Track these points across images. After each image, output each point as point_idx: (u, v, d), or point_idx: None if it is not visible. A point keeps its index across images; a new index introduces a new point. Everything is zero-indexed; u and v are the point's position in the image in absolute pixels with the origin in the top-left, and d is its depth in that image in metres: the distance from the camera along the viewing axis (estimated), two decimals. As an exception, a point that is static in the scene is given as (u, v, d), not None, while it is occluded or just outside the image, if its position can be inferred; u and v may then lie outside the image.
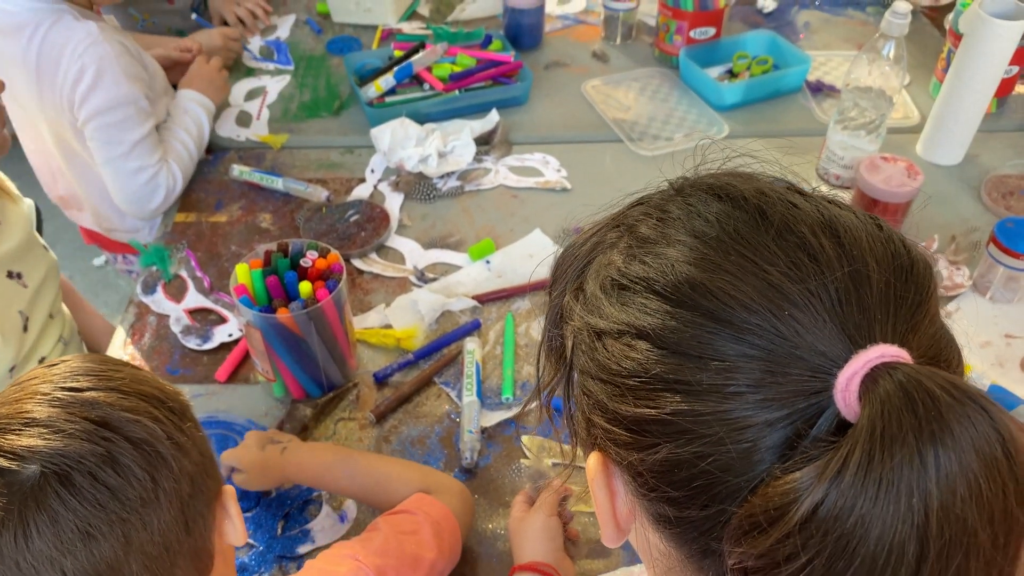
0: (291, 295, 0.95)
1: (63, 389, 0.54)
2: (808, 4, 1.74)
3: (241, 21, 1.67)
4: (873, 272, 0.37)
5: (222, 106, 1.45)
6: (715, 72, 1.50)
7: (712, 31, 1.49)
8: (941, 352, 0.38)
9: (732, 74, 1.49)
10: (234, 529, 0.63)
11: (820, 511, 0.32)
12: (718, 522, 0.37)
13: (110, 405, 0.54)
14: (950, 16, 1.38)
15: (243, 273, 0.95)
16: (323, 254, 0.98)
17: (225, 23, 1.68)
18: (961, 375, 0.40)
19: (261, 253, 0.99)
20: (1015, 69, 1.37)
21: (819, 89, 1.47)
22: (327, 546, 0.81)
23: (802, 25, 1.68)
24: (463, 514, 0.83)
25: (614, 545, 0.46)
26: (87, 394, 0.54)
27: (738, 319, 0.37)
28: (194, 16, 1.65)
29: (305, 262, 0.97)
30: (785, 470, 0.34)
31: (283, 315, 0.91)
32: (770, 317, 0.36)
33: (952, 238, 1.19)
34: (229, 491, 0.64)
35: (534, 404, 0.52)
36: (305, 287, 0.93)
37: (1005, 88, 1.39)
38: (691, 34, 1.48)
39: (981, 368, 1.02)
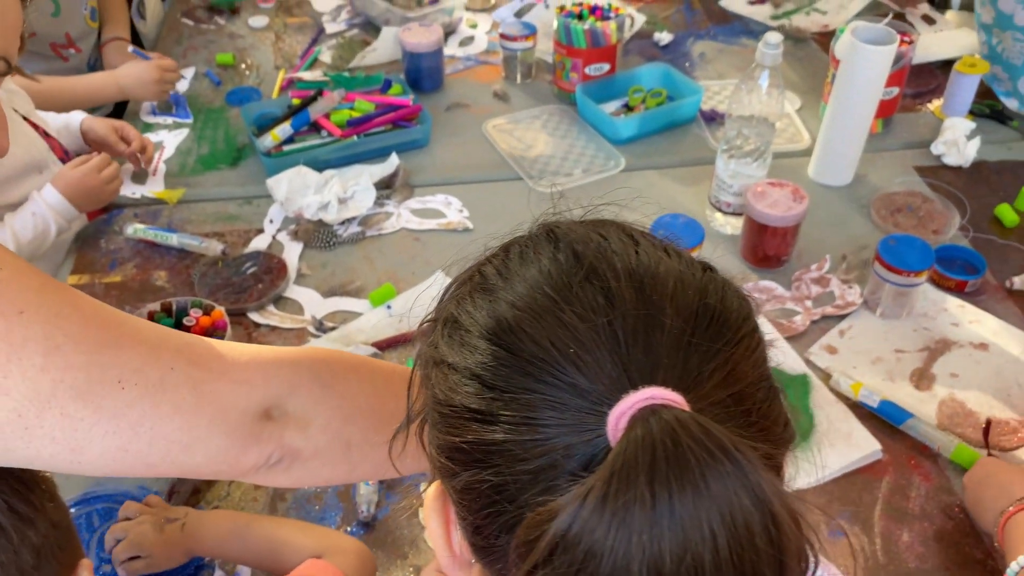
0: (175, 355, 0.92)
1: None
2: (703, 35, 1.79)
3: None
4: (668, 318, 0.38)
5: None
6: (612, 106, 1.52)
7: (607, 67, 1.52)
8: (743, 402, 0.38)
9: (628, 108, 1.51)
10: None
11: (564, 540, 0.33)
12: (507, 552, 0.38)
13: None
14: (834, 41, 1.43)
15: (125, 336, 0.93)
16: (207, 311, 0.96)
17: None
18: (779, 428, 0.41)
19: (145, 314, 0.97)
20: (895, 90, 1.42)
21: (712, 118, 1.50)
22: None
23: (697, 56, 1.72)
24: (360, 574, 0.81)
25: (455, 574, 0.46)
26: None
27: (528, 353, 0.38)
28: (131, 48, 1.60)
29: (189, 320, 0.95)
30: (545, 501, 0.35)
31: (165, 377, 0.88)
32: (556, 355, 0.38)
33: (843, 257, 1.22)
34: (86, 564, 0.62)
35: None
36: (188, 346, 0.91)
37: (888, 109, 1.44)
38: (586, 70, 1.51)
39: (873, 384, 1.04)
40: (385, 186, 1.38)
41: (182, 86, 1.66)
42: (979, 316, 1.13)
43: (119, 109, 1.67)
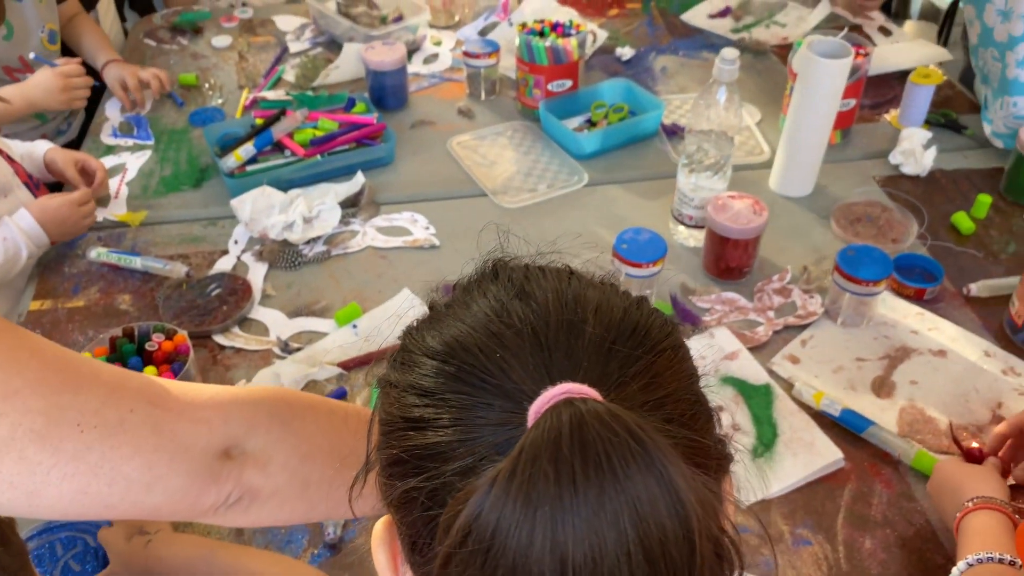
0: (137, 381, 0.92)
1: None
2: (665, 50, 1.81)
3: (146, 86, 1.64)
4: (590, 327, 0.41)
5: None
6: (575, 122, 1.54)
7: (569, 83, 1.53)
8: (663, 407, 0.39)
9: (591, 123, 1.53)
10: None
11: (475, 523, 0.34)
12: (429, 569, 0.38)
13: None
14: (791, 54, 1.45)
15: (85, 362, 0.92)
16: (170, 336, 0.95)
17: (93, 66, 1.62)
18: (708, 443, 0.41)
19: (107, 340, 0.96)
20: (852, 102, 1.45)
21: (674, 132, 1.52)
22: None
23: (659, 70, 1.74)
24: None
25: None
26: None
27: (460, 360, 0.41)
28: (32, 56, 1.55)
29: (151, 345, 0.94)
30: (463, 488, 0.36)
31: (127, 403, 0.88)
32: (484, 360, 0.40)
33: (804, 268, 1.24)
34: None
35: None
36: (150, 372, 0.91)
37: (846, 120, 1.47)
38: (549, 87, 1.52)
39: (834, 393, 1.06)
40: (350, 204, 1.38)
41: (144, 108, 1.65)
42: (937, 323, 1.15)
43: (84, 129, 1.66)
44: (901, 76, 1.62)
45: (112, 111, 1.64)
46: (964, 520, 0.84)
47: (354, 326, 1.17)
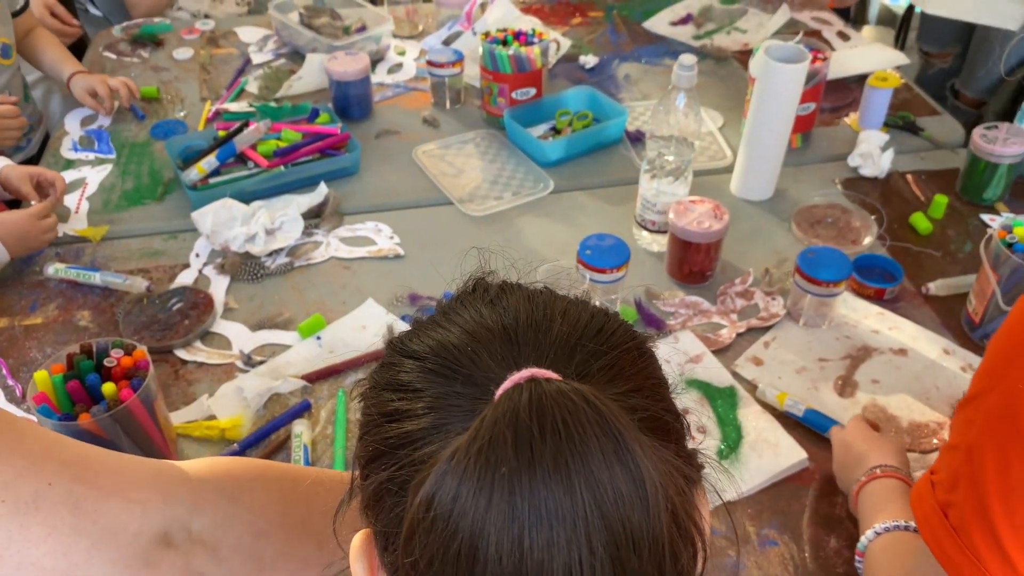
0: (95, 398, 0.90)
1: None
2: (628, 57, 1.82)
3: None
4: (558, 326, 0.43)
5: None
6: (540, 130, 1.54)
7: (533, 91, 1.53)
8: (628, 398, 0.40)
9: (556, 130, 1.53)
10: None
11: (434, 500, 0.34)
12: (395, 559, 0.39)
13: None
14: (751, 59, 1.47)
15: (42, 380, 0.91)
16: (129, 351, 0.94)
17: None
18: (677, 443, 0.42)
19: (64, 357, 0.94)
20: (812, 106, 1.47)
21: (638, 139, 1.53)
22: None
23: (622, 78, 1.75)
24: None
25: None
26: None
27: (435, 354, 0.43)
28: None
29: (110, 361, 0.93)
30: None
31: (84, 420, 0.86)
32: (457, 354, 0.42)
33: (766, 270, 1.25)
34: None
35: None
36: (108, 388, 0.89)
37: (805, 124, 1.49)
38: (513, 95, 1.52)
39: (798, 393, 1.06)
40: (314, 215, 1.37)
41: (105, 120, 1.63)
42: (898, 322, 1.17)
43: (43, 145, 1.64)
44: (860, 80, 1.64)
45: (72, 125, 1.62)
46: (865, 489, 0.86)
47: (318, 338, 1.16)
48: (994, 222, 1.35)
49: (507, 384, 0.37)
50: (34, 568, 0.46)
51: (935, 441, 1.01)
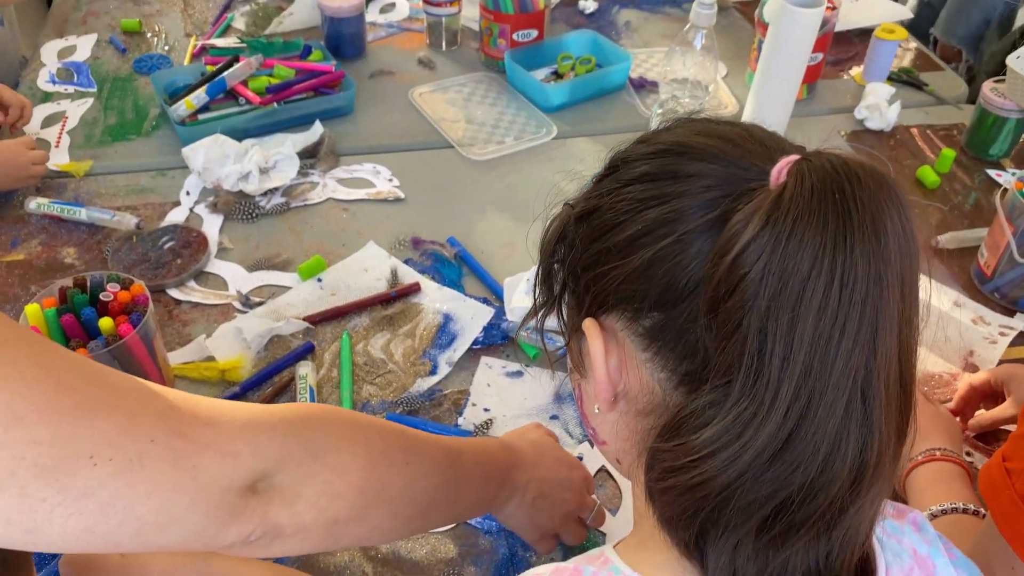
0: (91, 334, 0.86)
1: None
2: (628, 3, 1.77)
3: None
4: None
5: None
6: (541, 74, 1.50)
7: (535, 33, 1.49)
8: None
9: (558, 75, 1.49)
10: None
11: (748, 253, 0.39)
12: (691, 312, 0.43)
13: None
14: (759, 8, 1.44)
15: (34, 314, 0.86)
16: (126, 286, 0.89)
17: None
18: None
19: (56, 291, 0.89)
20: (820, 56, 1.44)
21: (642, 86, 1.49)
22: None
23: (623, 24, 1.71)
24: None
25: (608, 410, 0.50)
26: None
27: (687, 147, 0.47)
28: None
29: (106, 296, 0.88)
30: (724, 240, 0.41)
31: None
32: (712, 147, 0.46)
33: (776, 220, 1.23)
34: None
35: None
36: (106, 323, 0.85)
37: (812, 75, 1.46)
38: (514, 37, 1.48)
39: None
40: (309, 155, 1.32)
41: (83, 53, 1.55)
42: (907, 275, 1.16)
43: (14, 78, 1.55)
44: (862, 34, 1.62)
45: (48, 56, 1.54)
46: (921, 468, 0.84)
47: (319, 280, 1.12)
48: (1000, 177, 1.34)
49: (782, 163, 0.41)
50: (137, 523, 0.46)
51: (949, 392, 1.01)
